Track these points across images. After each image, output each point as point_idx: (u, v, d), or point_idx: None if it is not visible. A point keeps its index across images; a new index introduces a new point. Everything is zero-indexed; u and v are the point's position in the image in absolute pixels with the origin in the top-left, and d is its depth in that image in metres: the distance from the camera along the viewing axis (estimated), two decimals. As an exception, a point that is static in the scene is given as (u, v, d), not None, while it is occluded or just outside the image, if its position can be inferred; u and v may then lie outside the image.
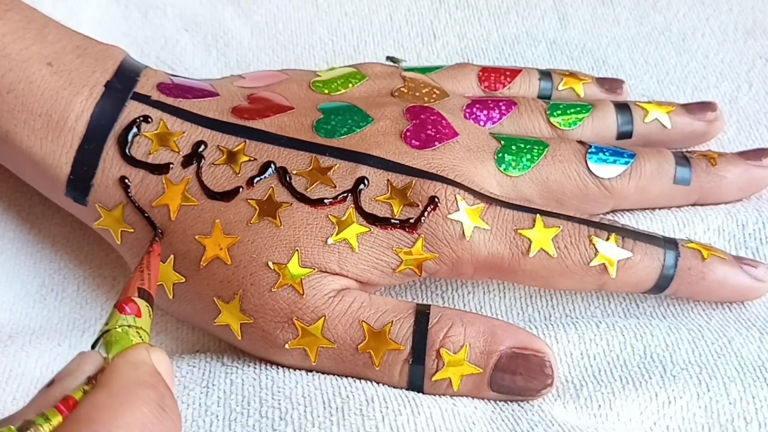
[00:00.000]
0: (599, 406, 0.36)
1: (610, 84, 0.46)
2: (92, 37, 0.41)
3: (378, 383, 0.36)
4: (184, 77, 0.42)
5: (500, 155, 0.40)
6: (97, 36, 0.42)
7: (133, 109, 0.39)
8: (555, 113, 0.43)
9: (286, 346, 0.36)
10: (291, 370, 0.37)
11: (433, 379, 0.36)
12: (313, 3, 0.52)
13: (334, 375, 0.37)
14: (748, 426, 0.35)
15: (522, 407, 0.36)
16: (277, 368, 0.37)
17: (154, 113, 0.39)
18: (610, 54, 0.51)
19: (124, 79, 0.40)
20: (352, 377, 0.37)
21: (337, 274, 0.37)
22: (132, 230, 0.38)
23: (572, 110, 0.43)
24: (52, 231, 0.44)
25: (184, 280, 0.37)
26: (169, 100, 0.39)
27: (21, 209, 0.45)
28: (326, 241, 0.37)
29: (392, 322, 0.36)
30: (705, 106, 0.45)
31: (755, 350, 0.37)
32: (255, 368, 0.37)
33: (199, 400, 0.35)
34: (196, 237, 0.37)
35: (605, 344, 0.38)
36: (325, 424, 0.33)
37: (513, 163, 0.40)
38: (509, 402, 0.36)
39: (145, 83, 0.40)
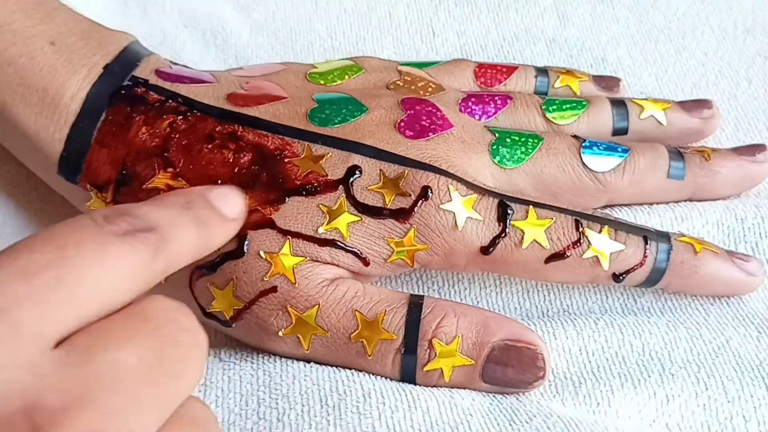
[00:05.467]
0: (598, 403, 0.36)
1: (607, 82, 0.46)
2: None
3: (375, 376, 0.36)
4: (185, 66, 0.43)
5: (494, 147, 0.40)
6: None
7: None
8: (550, 108, 0.43)
9: (280, 333, 0.36)
10: (288, 362, 0.37)
11: (425, 369, 0.36)
12: (312, 0, 0.53)
13: (330, 365, 0.37)
14: (747, 424, 0.35)
15: (520, 400, 0.36)
16: (274, 361, 0.37)
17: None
18: (609, 52, 0.51)
19: (124, 64, 0.40)
20: (346, 367, 0.37)
21: (328, 263, 0.37)
22: None
23: (568, 106, 0.43)
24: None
25: None
26: (166, 85, 0.40)
27: (19, 205, 0.45)
28: (317, 230, 0.37)
29: (385, 311, 0.36)
30: (701, 104, 0.45)
31: (753, 349, 0.38)
32: (252, 363, 0.37)
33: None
34: None
35: (604, 341, 0.38)
36: (322, 424, 0.33)
37: (507, 156, 0.40)
38: (507, 395, 0.36)
39: (145, 68, 0.40)
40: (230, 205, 0.32)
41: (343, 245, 0.37)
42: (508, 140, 0.40)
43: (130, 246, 0.27)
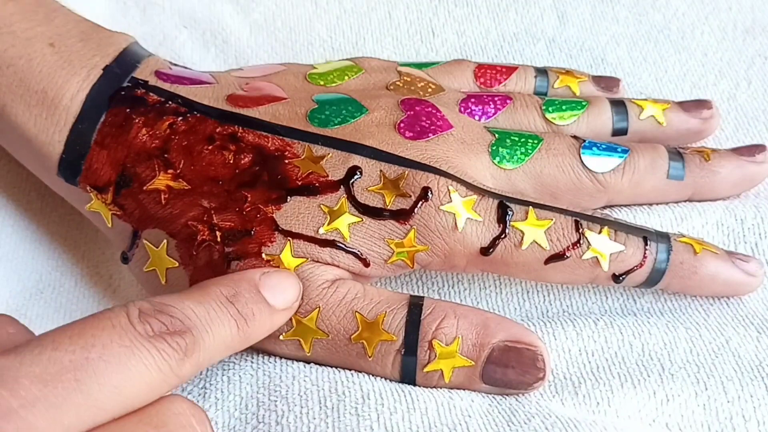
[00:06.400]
0: (597, 403, 0.36)
1: (607, 82, 0.46)
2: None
3: (375, 377, 0.36)
4: (184, 66, 0.43)
5: (494, 148, 0.40)
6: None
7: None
8: (550, 109, 0.43)
9: (281, 337, 0.36)
10: (288, 363, 0.37)
11: (425, 370, 0.36)
12: (312, 0, 0.53)
13: (329, 366, 0.37)
14: (747, 424, 0.35)
15: (519, 401, 0.36)
16: (274, 361, 0.37)
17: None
18: (608, 52, 0.51)
19: (123, 65, 0.40)
20: (346, 368, 0.37)
21: (329, 264, 0.37)
22: (120, 212, 0.39)
23: (567, 106, 0.43)
24: (50, 229, 0.44)
25: (177, 264, 0.37)
26: (166, 86, 0.40)
27: (19, 204, 0.45)
28: (318, 231, 0.37)
29: (385, 312, 0.36)
30: (700, 104, 0.45)
31: (752, 350, 0.38)
32: (252, 363, 0.37)
33: (197, 403, 0.35)
34: (189, 222, 0.37)
35: (603, 341, 0.38)
36: (321, 427, 0.33)
37: (507, 156, 0.40)
38: (507, 396, 0.36)
39: (144, 69, 0.40)
40: (282, 295, 0.33)
41: (343, 246, 0.37)
42: (507, 141, 0.40)
43: (158, 351, 0.27)
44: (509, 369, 0.36)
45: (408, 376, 0.36)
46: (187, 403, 0.28)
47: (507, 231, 0.37)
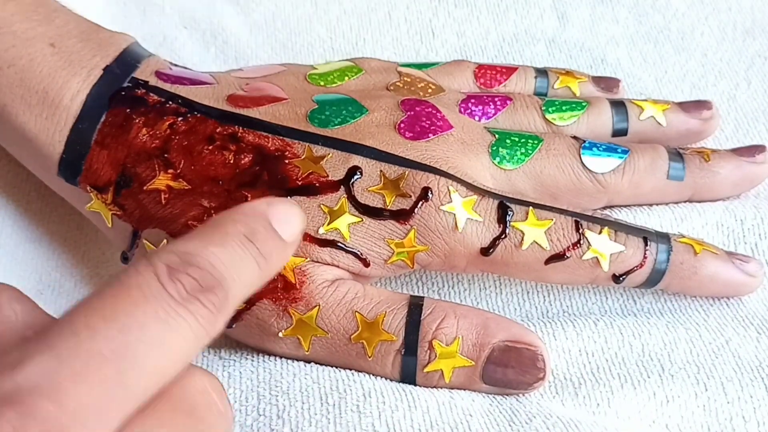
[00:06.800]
0: (597, 404, 0.36)
1: (607, 83, 0.46)
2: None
3: (375, 376, 0.36)
4: (185, 67, 0.43)
5: (494, 148, 0.40)
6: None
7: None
8: (550, 109, 0.43)
9: (280, 334, 0.36)
10: (288, 361, 0.37)
11: (425, 370, 0.36)
12: (312, 1, 0.53)
13: (329, 366, 0.37)
14: (746, 425, 0.35)
15: (520, 401, 0.36)
16: (275, 360, 0.37)
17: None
18: (608, 52, 0.51)
19: (123, 65, 0.40)
20: (346, 368, 0.37)
21: (329, 264, 0.37)
22: (121, 212, 0.39)
23: (567, 107, 0.43)
24: (50, 229, 0.44)
25: None
26: (166, 86, 0.40)
27: (19, 204, 0.45)
28: (318, 231, 0.37)
29: (385, 312, 0.36)
30: (700, 105, 0.45)
31: (752, 350, 0.38)
32: (253, 361, 0.37)
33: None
34: (189, 222, 0.37)
35: (603, 341, 0.38)
36: (322, 423, 0.33)
37: (507, 157, 0.40)
38: (507, 396, 0.36)
39: (145, 69, 0.40)
40: (290, 227, 0.31)
41: (343, 246, 0.37)
42: (507, 141, 0.40)
43: (194, 316, 0.26)
44: (509, 369, 0.36)
45: (408, 376, 0.36)
46: (206, 376, 0.28)
47: (507, 231, 0.37)
